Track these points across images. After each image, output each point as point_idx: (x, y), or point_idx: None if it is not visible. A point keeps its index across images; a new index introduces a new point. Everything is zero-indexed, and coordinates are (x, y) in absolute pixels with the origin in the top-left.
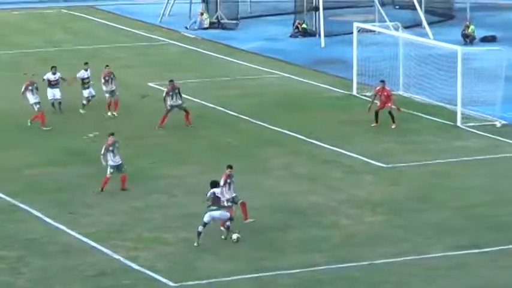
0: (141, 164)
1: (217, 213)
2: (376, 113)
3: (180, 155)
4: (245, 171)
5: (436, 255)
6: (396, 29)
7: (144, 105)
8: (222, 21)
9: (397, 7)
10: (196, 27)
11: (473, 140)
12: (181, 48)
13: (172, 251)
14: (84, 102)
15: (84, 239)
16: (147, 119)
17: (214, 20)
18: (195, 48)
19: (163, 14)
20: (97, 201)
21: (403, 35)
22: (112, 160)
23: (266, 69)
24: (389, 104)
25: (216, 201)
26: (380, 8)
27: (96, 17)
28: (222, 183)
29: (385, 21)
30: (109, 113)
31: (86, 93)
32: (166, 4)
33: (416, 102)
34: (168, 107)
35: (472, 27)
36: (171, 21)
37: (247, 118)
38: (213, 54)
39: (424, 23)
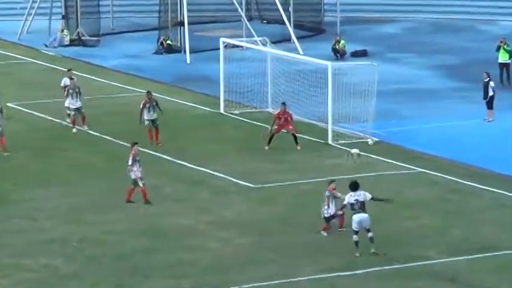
0: (1, 187)
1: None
2: (272, 137)
3: (42, 177)
4: (108, 191)
5: (307, 278)
6: (264, 44)
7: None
8: (82, 37)
9: (265, 22)
10: (56, 45)
11: (345, 158)
12: (41, 66)
13: (33, 278)
14: None
15: None
16: (6, 140)
17: (74, 36)
18: (54, 66)
19: (21, 31)
20: None
21: (272, 50)
22: None
23: (129, 87)
24: (291, 127)
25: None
26: (247, 22)
27: None
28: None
29: (253, 36)
30: None
31: None
32: (25, 21)
33: None
34: (146, 122)
35: (342, 41)
36: (30, 39)
37: (110, 139)
38: (73, 72)
39: (293, 37)
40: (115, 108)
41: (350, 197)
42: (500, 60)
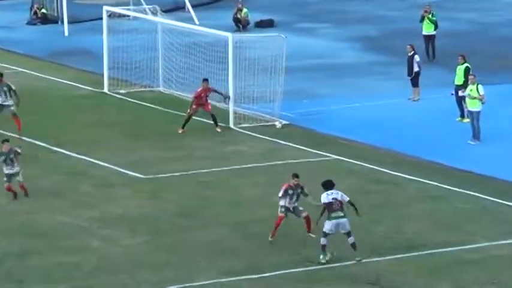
0: None
1: None
2: (188, 119)
3: None
4: None
5: (206, 282)
6: (154, 13)
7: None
8: None
9: None
10: None
11: (248, 143)
12: None
13: None
14: None
15: None
16: None
17: None
18: None
19: None
20: None
21: (163, 20)
22: None
23: None
24: (210, 107)
25: None
26: None
27: None
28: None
29: (141, 4)
30: None
31: None
32: None
33: (179, 100)
34: None
35: (245, 10)
36: None
37: None
38: None
39: (188, 5)
40: None
41: (327, 196)
42: (424, 32)
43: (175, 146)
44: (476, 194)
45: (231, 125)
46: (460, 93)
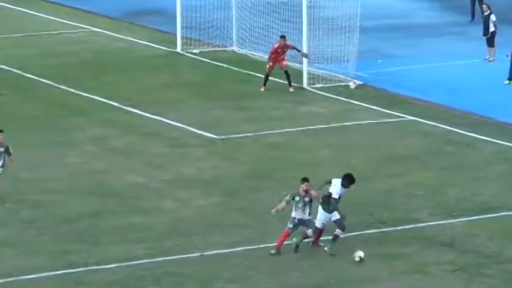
0: None
1: None
2: (267, 76)
3: None
4: (47, 145)
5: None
6: None
7: None
8: None
9: None
10: None
11: (322, 104)
12: None
13: None
14: None
15: None
16: None
17: None
18: None
19: None
20: None
21: None
22: None
23: (72, 23)
24: (285, 63)
25: None
26: None
27: None
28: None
29: None
30: None
31: None
32: None
33: (253, 60)
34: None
35: None
36: None
37: (49, 82)
38: (5, 5)
39: None
40: (54, 48)
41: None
42: None
43: (248, 106)
44: None
45: (305, 85)
46: None
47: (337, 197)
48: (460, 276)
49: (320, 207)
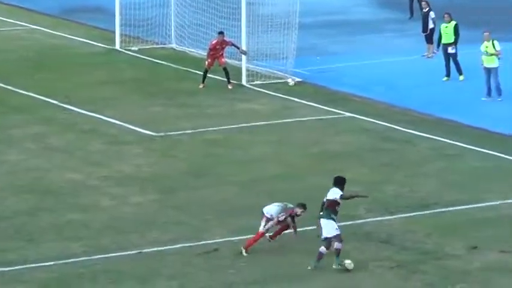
0: None
1: None
2: (206, 73)
3: None
4: None
5: (216, 240)
6: None
7: None
8: None
9: None
10: None
11: (260, 101)
12: None
13: None
14: None
15: None
16: None
17: None
18: None
19: None
20: None
21: None
22: None
23: (11, 21)
24: (223, 60)
25: None
26: None
27: None
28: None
29: None
30: None
31: None
32: None
33: (192, 57)
34: None
35: None
36: None
37: None
38: None
39: None
40: None
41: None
42: None
43: (187, 103)
44: (491, 152)
45: (244, 82)
46: (450, 50)
47: (338, 196)
48: (398, 273)
49: (321, 219)
